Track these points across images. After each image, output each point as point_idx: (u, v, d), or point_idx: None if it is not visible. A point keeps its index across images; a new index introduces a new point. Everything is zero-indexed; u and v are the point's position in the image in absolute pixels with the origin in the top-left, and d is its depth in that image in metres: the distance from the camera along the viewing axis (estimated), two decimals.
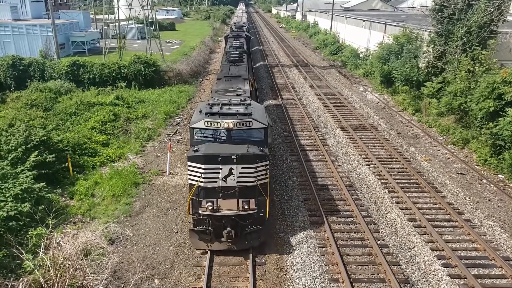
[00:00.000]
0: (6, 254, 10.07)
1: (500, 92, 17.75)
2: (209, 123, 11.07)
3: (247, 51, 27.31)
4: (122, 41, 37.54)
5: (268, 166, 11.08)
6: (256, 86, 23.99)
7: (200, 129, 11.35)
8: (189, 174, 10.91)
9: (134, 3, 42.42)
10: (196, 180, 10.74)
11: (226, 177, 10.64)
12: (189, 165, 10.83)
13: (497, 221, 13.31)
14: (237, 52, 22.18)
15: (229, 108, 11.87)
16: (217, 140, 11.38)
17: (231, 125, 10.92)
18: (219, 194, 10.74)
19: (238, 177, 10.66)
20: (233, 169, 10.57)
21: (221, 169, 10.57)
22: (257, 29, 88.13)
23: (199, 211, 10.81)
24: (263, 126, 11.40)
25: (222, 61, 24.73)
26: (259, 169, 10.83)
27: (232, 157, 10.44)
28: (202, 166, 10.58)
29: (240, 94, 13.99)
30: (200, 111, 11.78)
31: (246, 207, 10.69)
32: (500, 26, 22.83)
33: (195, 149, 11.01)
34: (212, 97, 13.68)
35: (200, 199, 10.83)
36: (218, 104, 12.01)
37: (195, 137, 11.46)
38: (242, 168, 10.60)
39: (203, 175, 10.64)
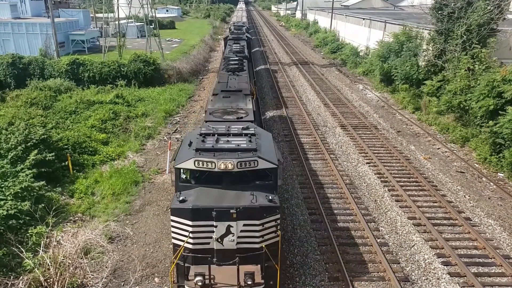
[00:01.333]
0: (6, 252, 10.08)
1: (500, 90, 17.74)
2: (200, 163, 8.41)
3: (248, 55, 24.75)
4: (122, 40, 37.48)
5: (279, 221, 8.58)
6: (259, 100, 21.10)
7: (188, 170, 8.77)
8: (172, 232, 8.54)
9: (134, 2, 42.39)
10: (182, 240, 8.31)
11: (222, 237, 8.20)
12: (172, 220, 8.41)
13: (497, 219, 13.32)
14: (237, 58, 19.84)
15: (228, 140, 9.29)
16: (211, 184, 8.72)
17: (230, 166, 8.31)
18: (212, 260, 8.25)
19: (238, 238, 8.23)
20: (232, 226, 8.15)
21: (215, 226, 8.13)
22: (257, 27, 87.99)
23: (185, 287, 8.32)
24: (272, 166, 8.75)
25: (219, 68, 21.57)
26: (267, 225, 8.32)
27: (231, 211, 8.04)
28: (190, 223, 8.15)
29: (241, 118, 11.43)
30: (190, 144, 9.10)
31: (250, 282, 8.08)
32: (500, 24, 22.81)
33: (180, 198, 8.39)
34: (205, 122, 10.95)
35: (187, 264, 8.33)
36: (213, 135, 9.49)
37: (182, 178, 8.90)
38: (244, 225, 8.18)
39: (191, 234, 8.19)
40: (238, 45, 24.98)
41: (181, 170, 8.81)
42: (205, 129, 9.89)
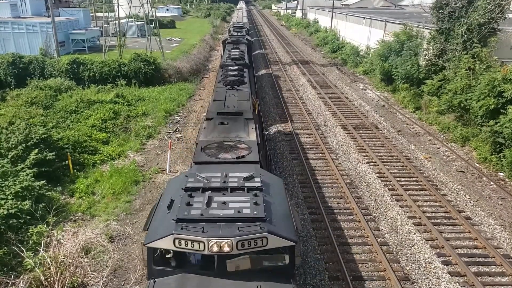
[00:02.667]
0: (6, 252, 10.09)
1: (500, 90, 17.72)
2: (183, 242, 5.88)
3: (249, 62, 21.46)
4: (122, 39, 37.48)
5: None
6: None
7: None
8: None
9: (134, 1, 42.40)
10: None
11: None
12: None
13: (497, 218, 13.32)
14: (236, 68, 16.82)
15: (224, 202, 6.52)
16: (199, 269, 6.23)
17: (226, 248, 5.84)
18: None
19: None
20: None
21: None
22: (258, 27, 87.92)
23: None
24: (288, 244, 6.12)
25: (216, 79, 18.06)
26: None
27: None
28: None
29: (243, 157, 8.46)
30: (169, 205, 6.47)
31: None
32: (500, 23, 22.78)
33: None
34: (194, 163, 8.22)
35: None
36: (203, 191, 6.70)
37: (157, 259, 6.26)
38: None
39: None
40: (238, 50, 21.95)
41: (154, 251, 6.15)
42: (193, 180, 6.91)
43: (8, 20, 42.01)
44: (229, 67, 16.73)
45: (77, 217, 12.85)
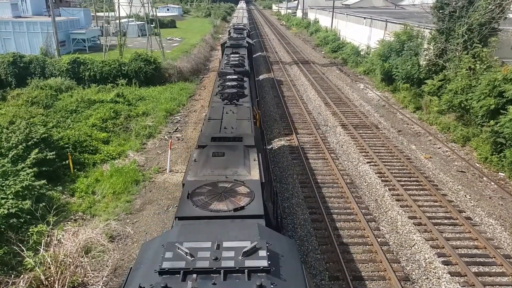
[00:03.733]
0: (7, 251, 10.10)
1: (501, 90, 17.71)
2: None
3: (250, 68, 19.17)
4: (123, 39, 37.48)
5: None
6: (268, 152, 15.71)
7: None
8: None
9: (134, 1, 42.45)
10: None
11: None
12: None
13: (498, 219, 13.31)
14: (236, 77, 14.68)
15: None
16: None
17: None
18: None
19: None
20: None
21: None
22: (258, 26, 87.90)
23: None
24: None
25: (213, 90, 15.54)
26: None
27: None
28: None
29: (242, 208, 6.23)
30: None
31: None
32: (501, 23, 22.76)
33: None
34: (177, 219, 6.12)
35: None
36: (184, 277, 4.44)
37: None
38: None
39: None
40: (237, 55, 19.91)
41: None
42: (171, 256, 4.70)
43: (8, 20, 42.01)
44: (228, 76, 14.74)
45: (78, 217, 12.86)
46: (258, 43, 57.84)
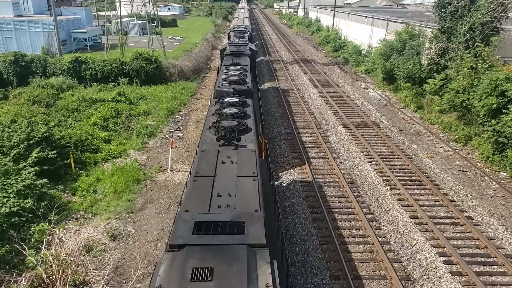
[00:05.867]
0: (8, 249, 10.13)
1: (503, 89, 17.67)
2: None
3: (253, 83, 16.06)
4: (124, 38, 37.50)
5: None
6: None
7: None
8: None
9: (136, 0, 42.37)
10: None
11: None
12: None
13: (499, 218, 13.29)
14: (237, 100, 11.17)
15: None
16: None
17: None
18: None
19: None
20: None
21: None
22: (259, 25, 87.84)
23: None
24: None
25: (206, 119, 11.81)
26: None
27: None
28: None
29: None
30: None
31: None
32: (503, 22, 22.70)
33: None
34: None
35: None
36: None
37: None
38: None
39: None
40: (238, 66, 16.57)
41: None
42: None
43: (10, 19, 42.10)
44: (226, 99, 11.30)
45: (79, 216, 12.88)
46: (260, 42, 57.80)
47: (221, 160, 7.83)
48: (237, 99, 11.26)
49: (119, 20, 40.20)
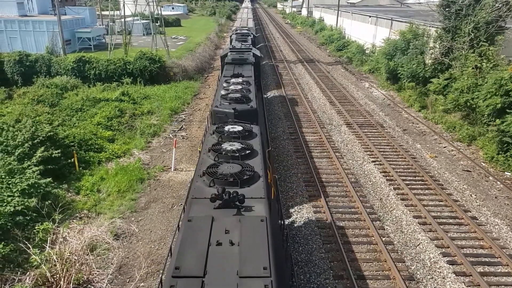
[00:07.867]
0: (13, 248, 10.17)
1: (507, 89, 17.57)
2: None
3: (258, 99, 13.83)
4: (128, 37, 37.59)
5: None
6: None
7: None
8: None
9: None
10: None
11: None
12: None
13: (504, 218, 13.22)
14: (241, 129, 8.98)
15: None
16: None
17: None
18: None
19: None
20: None
21: None
22: (263, 25, 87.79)
23: None
24: None
25: (198, 164, 7.93)
26: None
27: None
28: None
29: None
30: None
31: None
32: (508, 21, 22.57)
33: None
34: None
35: None
36: None
37: None
38: None
39: None
40: (240, 78, 14.21)
41: None
42: None
43: (14, 18, 42.28)
44: (226, 128, 9.07)
45: (83, 215, 12.93)
46: (263, 41, 57.78)
47: (215, 240, 5.24)
48: (240, 128, 9.06)
49: (123, 20, 40.29)
